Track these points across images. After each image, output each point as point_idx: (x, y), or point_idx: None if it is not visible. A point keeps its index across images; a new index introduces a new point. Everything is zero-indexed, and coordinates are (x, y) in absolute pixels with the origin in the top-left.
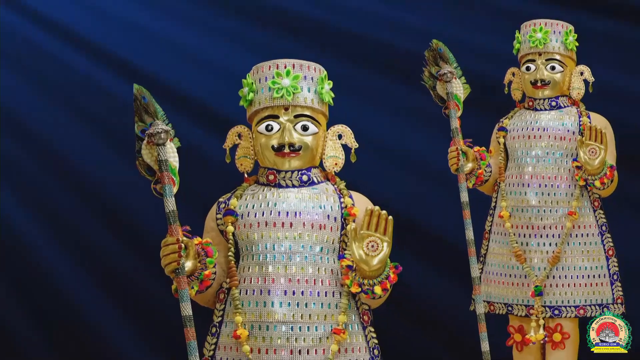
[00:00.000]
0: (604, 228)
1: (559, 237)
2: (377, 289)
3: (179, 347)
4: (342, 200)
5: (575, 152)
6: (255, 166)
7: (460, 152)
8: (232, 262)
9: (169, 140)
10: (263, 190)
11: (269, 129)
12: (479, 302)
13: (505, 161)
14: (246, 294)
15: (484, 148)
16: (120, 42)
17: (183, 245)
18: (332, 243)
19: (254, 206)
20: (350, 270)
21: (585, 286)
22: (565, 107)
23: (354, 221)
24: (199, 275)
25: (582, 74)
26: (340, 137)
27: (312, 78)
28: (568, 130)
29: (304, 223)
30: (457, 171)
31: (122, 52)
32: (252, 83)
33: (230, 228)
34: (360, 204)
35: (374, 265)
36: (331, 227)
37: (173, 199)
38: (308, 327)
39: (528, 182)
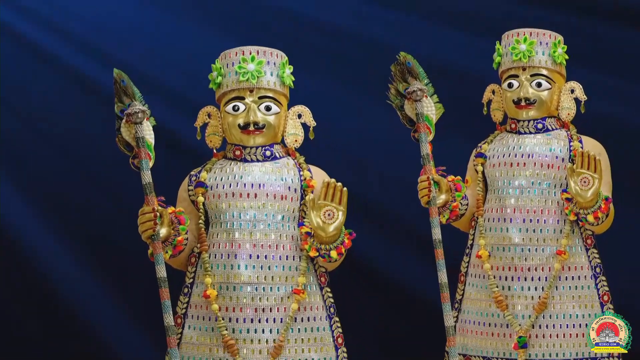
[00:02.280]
0: (598, 270)
1: (546, 280)
2: (333, 253)
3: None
4: (301, 173)
5: (565, 182)
6: (223, 143)
7: (431, 182)
8: (202, 229)
9: (145, 119)
10: (230, 165)
11: (235, 109)
12: (454, 356)
13: (484, 192)
14: (215, 257)
15: (459, 177)
16: (119, 41)
17: (158, 213)
18: (293, 212)
19: (222, 179)
20: (309, 236)
21: (577, 337)
22: (553, 129)
23: (312, 192)
24: (172, 241)
25: (572, 91)
26: (300, 116)
27: (274, 63)
28: (557, 157)
29: (267, 194)
30: (428, 204)
31: (122, 51)
32: (221, 68)
33: (201, 198)
34: (318, 176)
35: (330, 232)
36: (291, 198)
37: (149, 172)
38: (271, 287)
39: (510, 216)
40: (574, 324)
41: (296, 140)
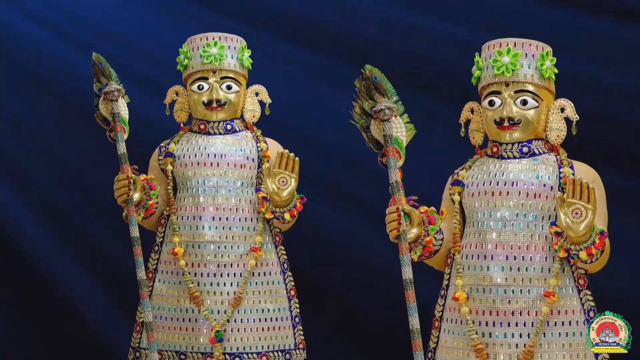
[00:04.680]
0: (591, 314)
1: (532, 325)
2: (287, 216)
3: None
4: (258, 145)
5: (554, 213)
6: (190, 118)
7: (401, 213)
8: (171, 194)
9: (120, 97)
10: (195, 137)
11: (200, 88)
12: None
13: (461, 226)
14: (182, 219)
15: (433, 208)
16: (146, 56)
17: (132, 180)
18: (251, 179)
19: (188, 150)
20: (265, 200)
21: None
22: (540, 154)
23: (268, 161)
24: (144, 205)
25: (562, 110)
26: (257, 94)
27: (234, 47)
28: (544, 185)
29: (228, 163)
30: (397, 239)
31: (150, 69)
32: (187, 52)
33: (169, 167)
34: (273, 148)
35: (284, 197)
36: (250, 167)
37: (124, 143)
38: (231, 245)
39: (491, 253)
40: None
41: (254, 116)
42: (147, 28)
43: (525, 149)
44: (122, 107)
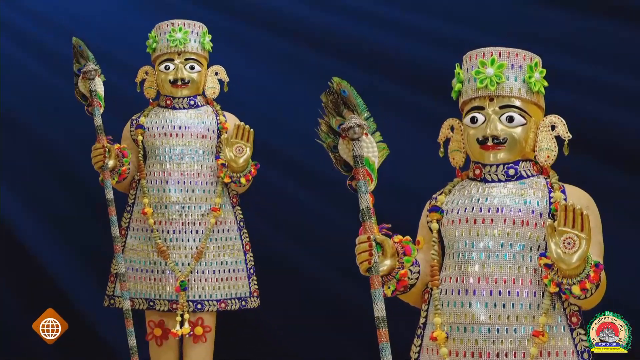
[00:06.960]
0: (585, 356)
1: None
2: (242, 180)
3: None
4: (218, 118)
5: (544, 243)
6: (157, 94)
7: (373, 243)
8: (141, 161)
9: (97, 76)
10: (163, 111)
11: (166, 68)
12: None
13: (440, 257)
14: (151, 183)
15: (408, 238)
16: (119, 41)
17: (107, 149)
18: (211, 148)
19: (156, 122)
20: (224, 167)
21: None
22: (528, 177)
23: (226, 132)
24: (118, 170)
25: (553, 128)
26: (217, 73)
27: (197, 32)
28: (533, 212)
29: (191, 134)
30: (369, 271)
31: (123, 52)
32: (155, 36)
33: (140, 138)
34: (231, 120)
35: (240, 163)
36: (210, 137)
37: (100, 117)
38: (194, 206)
39: (474, 287)
40: None
41: (214, 93)
42: (122, 18)
43: (511, 172)
44: (99, 85)
